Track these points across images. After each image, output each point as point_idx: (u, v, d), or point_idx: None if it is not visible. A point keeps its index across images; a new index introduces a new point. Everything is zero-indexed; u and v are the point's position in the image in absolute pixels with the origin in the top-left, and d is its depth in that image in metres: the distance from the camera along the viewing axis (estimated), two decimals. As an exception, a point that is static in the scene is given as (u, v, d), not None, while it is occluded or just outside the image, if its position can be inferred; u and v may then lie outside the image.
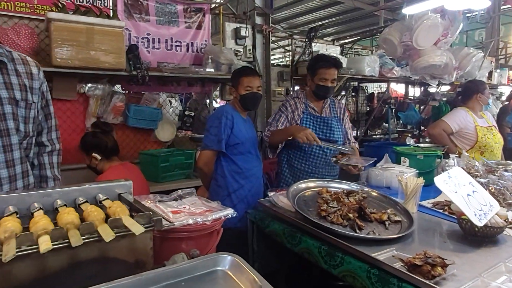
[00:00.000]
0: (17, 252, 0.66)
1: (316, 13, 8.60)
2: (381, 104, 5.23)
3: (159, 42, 3.51)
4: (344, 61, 4.23)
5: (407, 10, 2.98)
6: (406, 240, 1.42)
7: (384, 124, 5.77)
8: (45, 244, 0.67)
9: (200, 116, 3.92)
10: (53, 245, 0.70)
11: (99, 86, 3.18)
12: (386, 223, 1.50)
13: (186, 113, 3.72)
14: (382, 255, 1.26)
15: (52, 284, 0.73)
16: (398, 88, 6.81)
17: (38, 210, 0.92)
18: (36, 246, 0.69)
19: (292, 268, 1.97)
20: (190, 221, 1.09)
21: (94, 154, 2.26)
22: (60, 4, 2.84)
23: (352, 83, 5.23)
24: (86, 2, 3.09)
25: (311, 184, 1.84)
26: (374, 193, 1.82)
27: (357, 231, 1.40)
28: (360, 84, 5.48)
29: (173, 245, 1.11)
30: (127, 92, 3.41)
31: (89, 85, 3.18)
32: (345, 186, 1.90)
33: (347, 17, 8.57)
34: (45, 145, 1.50)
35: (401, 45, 3.05)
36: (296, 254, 1.58)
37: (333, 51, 4.76)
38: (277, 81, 4.31)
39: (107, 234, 0.73)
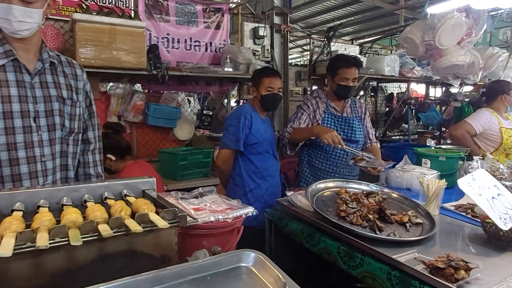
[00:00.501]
0: (50, 243, 0.69)
1: (334, 12, 8.51)
2: (401, 104, 5.14)
3: (178, 42, 3.56)
4: (363, 60, 4.18)
5: (431, 9, 2.92)
6: (427, 242, 1.40)
7: (403, 125, 5.67)
8: (75, 237, 0.70)
9: (218, 115, 3.95)
10: (84, 238, 0.73)
11: (120, 85, 3.26)
12: (407, 225, 1.48)
13: (204, 112, 3.77)
14: (403, 257, 1.25)
15: (83, 275, 0.76)
16: (418, 89, 6.68)
17: (67, 204, 0.96)
18: (67, 239, 0.73)
19: (309, 268, 1.97)
20: (212, 218, 1.11)
21: (108, 155, 2.28)
22: (84, 5, 2.92)
23: (371, 83, 5.16)
24: (109, 3, 3.16)
25: (330, 184, 1.84)
26: (394, 195, 1.79)
27: (377, 232, 1.39)
28: (379, 84, 5.40)
29: (194, 241, 1.13)
30: (146, 91, 3.47)
31: (111, 84, 3.26)
32: (364, 187, 1.88)
33: (366, 16, 8.43)
34: (90, 143, 1.60)
35: (423, 44, 2.99)
36: (313, 254, 1.58)
37: (352, 50, 4.70)
38: (295, 81, 4.30)
39: (135, 227, 0.76)
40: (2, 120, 1.26)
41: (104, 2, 3.14)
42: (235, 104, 5.25)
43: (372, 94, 5.41)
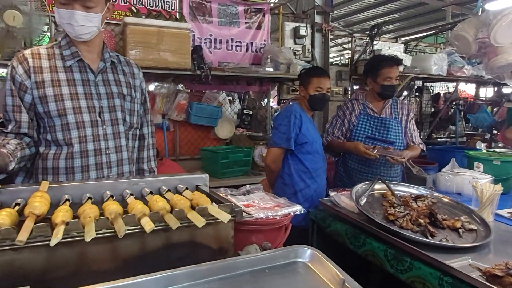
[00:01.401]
0: (126, 230, 0.75)
1: (375, 9, 8.27)
2: (448, 105, 4.90)
3: (220, 42, 3.64)
4: (408, 59, 4.04)
5: (488, 6, 2.76)
6: (482, 250, 1.33)
7: (450, 126, 5.40)
8: (148, 225, 0.76)
9: (258, 115, 3.99)
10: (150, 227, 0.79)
11: (165, 85, 3.39)
12: (460, 230, 1.42)
13: (245, 111, 3.81)
14: (456, 263, 1.20)
15: (151, 261, 0.82)
16: (467, 88, 6.32)
17: (129, 196, 1.03)
18: (139, 227, 0.79)
19: (352, 269, 1.94)
20: (262, 215, 1.14)
21: None
22: (134, 9, 3.08)
23: (416, 82, 4.96)
24: (156, 6, 3.30)
25: (376, 186, 1.80)
26: (445, 199, 1.73)
27: (429, 237, 1.35)
28: (425, 84, 5.18)
29: (244, 237, 1.16)
30: (189, 90, 3.59)
31: (156, 84, 3.40)
32: (413, 190, 1.83)
33: (410, 13, 8.11)
34: (145, 138, 1.69)
35: (476, 42, 2.82)
36: (356, 255, 1.56)
37: (396, 49, 4.54)
38: (336, 80, 4.24)
39: (197, 220, 0.81)
40: (73, 115, 1.38)
41: (151, 5, 3.28)
42: (276, 104, 5.24)
43: (417, 94, 5.20)
